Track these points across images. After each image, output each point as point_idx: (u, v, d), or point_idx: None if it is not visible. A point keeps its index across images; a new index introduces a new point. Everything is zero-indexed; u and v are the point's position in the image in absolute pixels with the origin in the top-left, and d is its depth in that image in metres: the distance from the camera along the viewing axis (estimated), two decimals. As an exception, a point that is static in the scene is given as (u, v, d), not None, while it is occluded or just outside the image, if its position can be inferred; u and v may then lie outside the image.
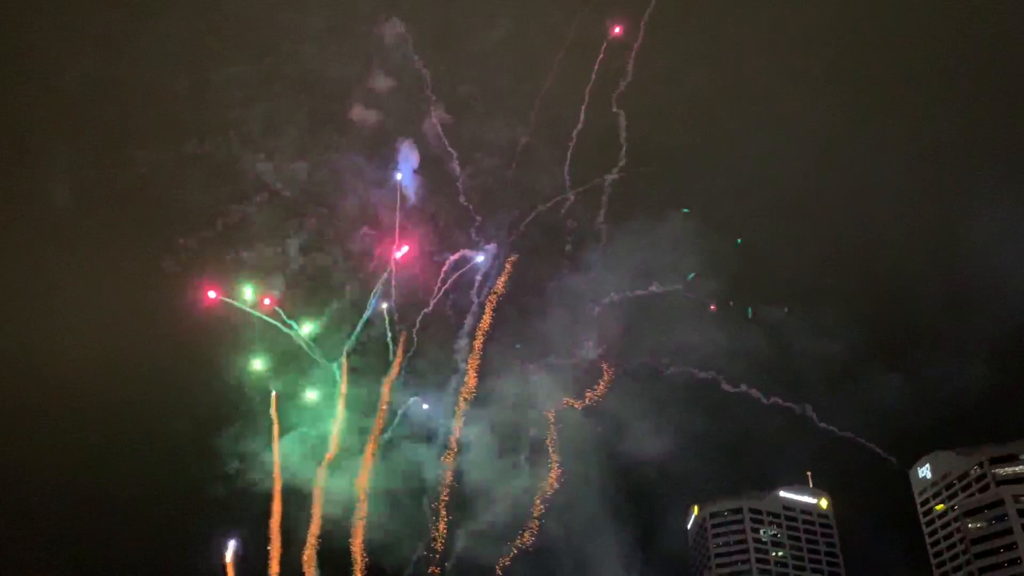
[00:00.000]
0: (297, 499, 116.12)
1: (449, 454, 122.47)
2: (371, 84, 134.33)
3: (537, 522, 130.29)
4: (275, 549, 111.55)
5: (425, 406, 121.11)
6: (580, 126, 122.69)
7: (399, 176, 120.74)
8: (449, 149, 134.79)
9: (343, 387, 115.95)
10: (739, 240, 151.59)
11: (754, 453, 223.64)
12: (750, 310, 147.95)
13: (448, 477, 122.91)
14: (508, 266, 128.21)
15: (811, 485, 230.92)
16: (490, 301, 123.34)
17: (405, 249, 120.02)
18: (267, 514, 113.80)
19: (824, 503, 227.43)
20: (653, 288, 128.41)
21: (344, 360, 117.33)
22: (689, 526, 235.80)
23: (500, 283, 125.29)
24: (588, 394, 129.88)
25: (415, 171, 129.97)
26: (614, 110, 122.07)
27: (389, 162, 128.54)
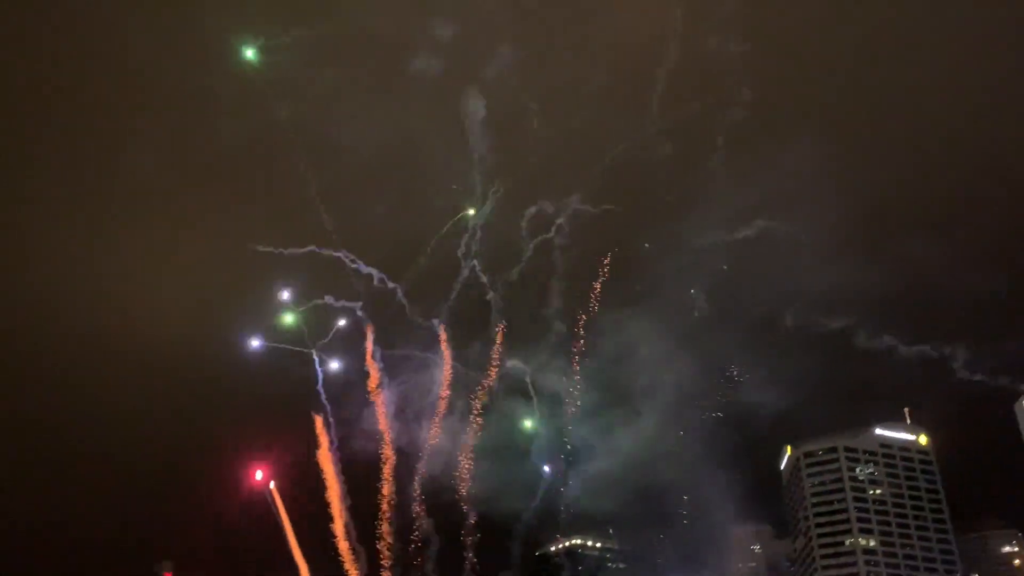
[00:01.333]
0: (405, 457, 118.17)
1: (560, 411, 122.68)
2: (437, 32, 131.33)
3: None
4: (386, 505, 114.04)
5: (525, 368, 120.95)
6: (672, 63, 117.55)
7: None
8: (523, 99, 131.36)
9: (444, 346, 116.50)
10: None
11: (848, 392, 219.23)
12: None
13: (559, 433, 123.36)
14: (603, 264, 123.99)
15: (909, 422, 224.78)
16: (599, 261, 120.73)
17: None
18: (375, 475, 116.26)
19: (923, 439, 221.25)
20: (762, 225, 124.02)
21: (442, 322, 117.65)
22: (783, 467, 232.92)
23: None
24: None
25: (482, 121, 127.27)
26: (716, 37, 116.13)
27: (459, 115, 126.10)
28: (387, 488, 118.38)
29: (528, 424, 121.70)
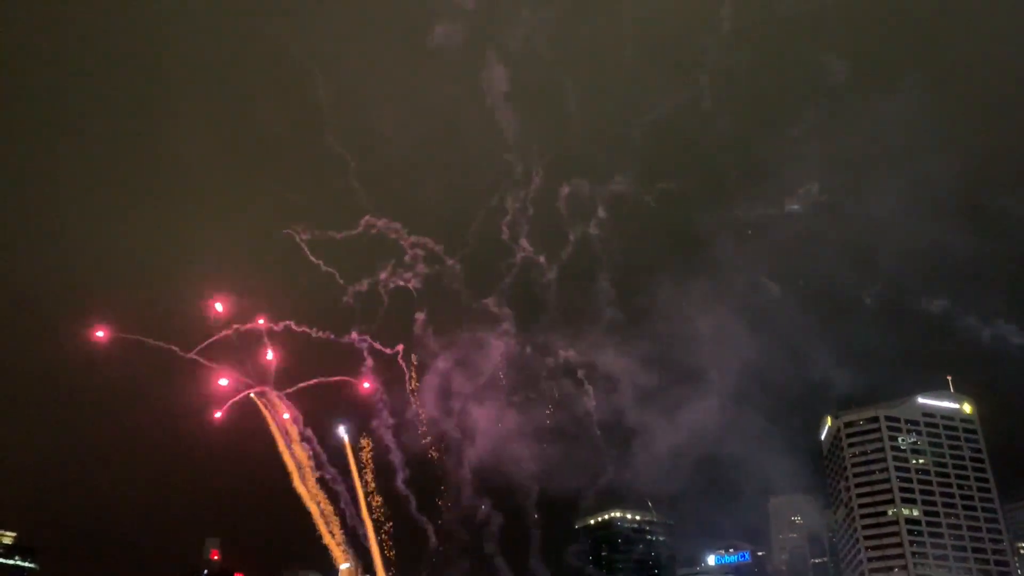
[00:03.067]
0: (458, 438, 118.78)
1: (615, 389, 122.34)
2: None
3: None
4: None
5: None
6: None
7: None
8: (558, 71, 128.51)
9: (499, 327, 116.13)
10: None
11: (889, 361, 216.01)
12: None
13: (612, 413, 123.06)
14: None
15: (952, 390, 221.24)
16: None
17: None
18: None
19: (968, 408, 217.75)
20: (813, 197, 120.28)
21: (498, 303, 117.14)
22: (823, 437, 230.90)
23: None
24: None
25: (505, 95, 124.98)
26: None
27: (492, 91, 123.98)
28: (437, 466, 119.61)
29: None
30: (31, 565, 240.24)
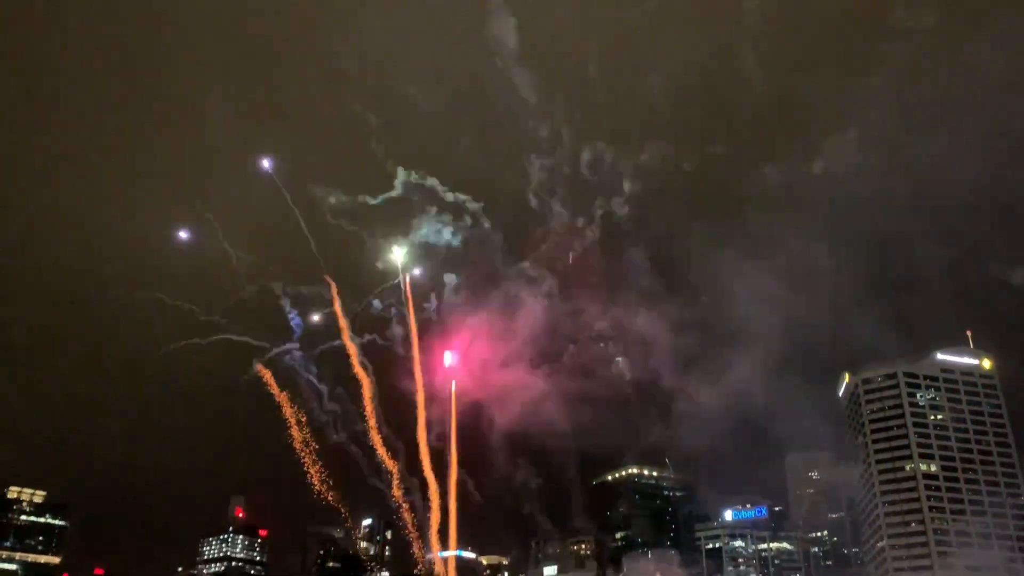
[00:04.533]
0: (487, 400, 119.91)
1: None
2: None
3: None
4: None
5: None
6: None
7: None
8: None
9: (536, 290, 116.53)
10: None
11: (908, 316, 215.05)
12: None
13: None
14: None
15: (972, 345, 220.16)
16: None
17: None
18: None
19: (987, 363, 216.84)
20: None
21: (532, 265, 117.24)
22: (840, 394, 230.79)
23: None
24: None
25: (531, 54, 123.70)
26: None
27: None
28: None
29: None
30: (61, 523, 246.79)
